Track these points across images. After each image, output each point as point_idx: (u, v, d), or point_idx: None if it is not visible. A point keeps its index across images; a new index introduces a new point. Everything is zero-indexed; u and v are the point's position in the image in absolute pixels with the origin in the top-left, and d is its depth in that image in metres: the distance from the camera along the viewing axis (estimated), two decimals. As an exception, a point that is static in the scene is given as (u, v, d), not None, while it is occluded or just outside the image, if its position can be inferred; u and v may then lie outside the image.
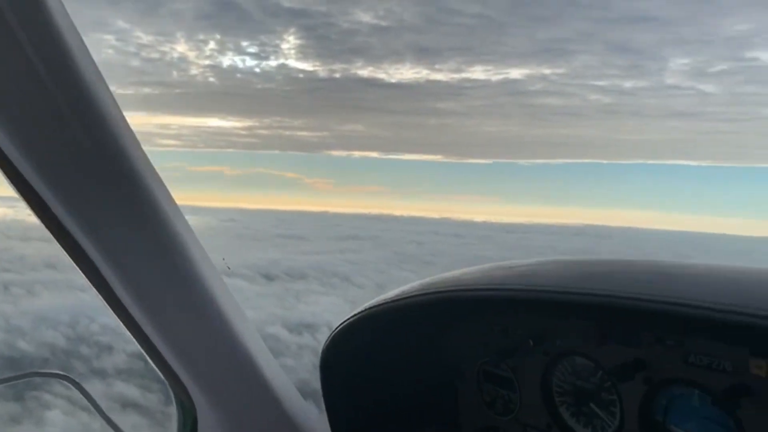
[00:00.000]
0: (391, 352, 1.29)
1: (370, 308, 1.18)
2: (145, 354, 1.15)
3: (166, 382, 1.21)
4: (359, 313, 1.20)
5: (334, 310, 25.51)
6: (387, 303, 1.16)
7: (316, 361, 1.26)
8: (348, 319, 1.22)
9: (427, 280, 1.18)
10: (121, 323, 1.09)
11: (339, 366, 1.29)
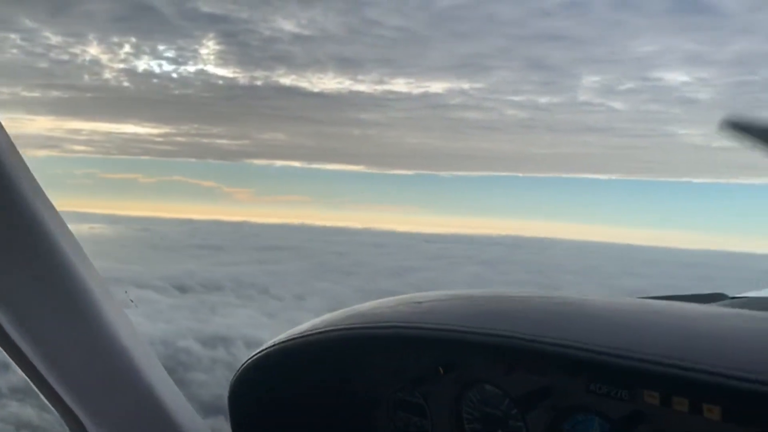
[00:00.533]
0: (302, 387, 1.30)
1: (280, 343, 1.19)
2: (27, 379, 1.04)
3: (51, 406, 1.11)
4: (268, 347, 1.20)
5: (251, 323, 24.81)
6: (297, 338, 1.17)
7: (230, 375, 1.27)
8: (257, 353, 1.22)
9: (338, 313, 1.21)
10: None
11: (247, 400, 1.28)
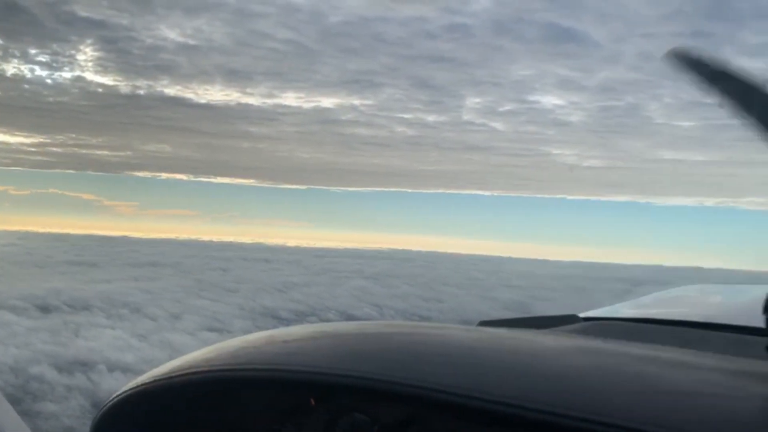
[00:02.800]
0: (168, 428, 1.25)
1: (142, 385, 1.16)
2: None
3: None
4: (130, 389, 1.17)
5: (117, 345, 23.29)
6: (159, 380, 1.14)
7: (86, 403, 1.06)
8: (118, 395, 1.18)
9: (202, 352, 1.19)
10: None
11: None
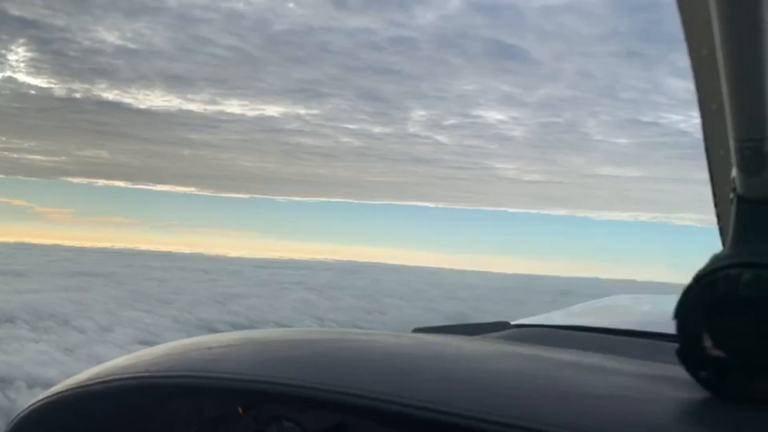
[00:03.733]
0: None
1: (59, 393, 1.13)
2: None
3: None
4: (46, 398, 1.14)
5: (41, 360, 22.08)
6: (76, 388, 1.12)
7: (0, 423, 1.12)
8: (33, 404, 1.16)
9: (123, 359, 1.16)
10: None
11: None
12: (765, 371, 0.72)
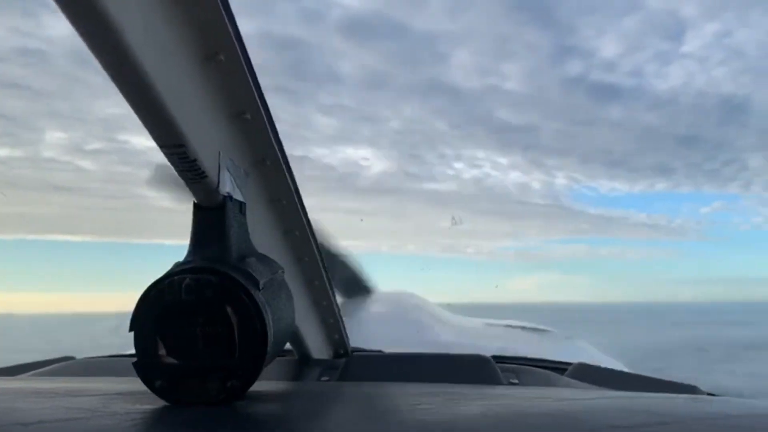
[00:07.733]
0: None
1: None
2: None
3: None
4: None
5: None
6: None
7: None
8: None
9: None
10: None
11: None
12: (215, 372, 0.74)
